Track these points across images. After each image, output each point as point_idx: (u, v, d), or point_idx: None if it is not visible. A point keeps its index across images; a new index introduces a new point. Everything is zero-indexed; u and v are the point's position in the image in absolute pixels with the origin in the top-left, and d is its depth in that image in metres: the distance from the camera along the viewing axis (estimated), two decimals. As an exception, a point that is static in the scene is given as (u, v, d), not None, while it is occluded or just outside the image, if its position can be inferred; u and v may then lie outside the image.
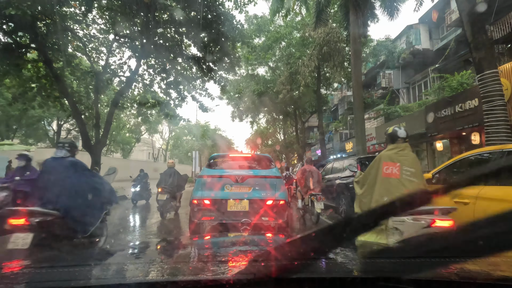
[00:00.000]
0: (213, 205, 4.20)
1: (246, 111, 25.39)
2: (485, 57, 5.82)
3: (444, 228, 2.20)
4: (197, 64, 11.07)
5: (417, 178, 2.58)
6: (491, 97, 5.74)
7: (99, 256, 1.37)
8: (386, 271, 0.88)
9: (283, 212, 4.29)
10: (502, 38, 10.40)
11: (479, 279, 0.77)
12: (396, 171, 2.59)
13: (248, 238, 1.80)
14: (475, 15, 5.96)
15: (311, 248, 0.75)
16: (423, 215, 2.28)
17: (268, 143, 36.00)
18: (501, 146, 2.99)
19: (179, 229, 6.25)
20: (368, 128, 14.85)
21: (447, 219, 2.25)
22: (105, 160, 16.35)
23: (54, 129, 28.85)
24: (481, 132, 8.38)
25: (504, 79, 7.63)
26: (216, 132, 41.91)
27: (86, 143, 10.83)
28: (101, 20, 10.53)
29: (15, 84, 10.78)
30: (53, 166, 3.15)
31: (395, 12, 11.40)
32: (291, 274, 0.73)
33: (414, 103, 14.72)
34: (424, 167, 12.53)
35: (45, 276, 0.89)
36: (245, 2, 9.98)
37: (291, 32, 18.76)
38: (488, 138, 5.81)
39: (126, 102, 13.47)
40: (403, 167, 2.59)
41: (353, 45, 10.55)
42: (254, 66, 22.15)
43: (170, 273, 0.91)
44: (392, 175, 2.59)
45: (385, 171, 2.61)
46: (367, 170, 2.91)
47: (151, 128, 38.18)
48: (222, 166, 4.81)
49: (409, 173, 2.58)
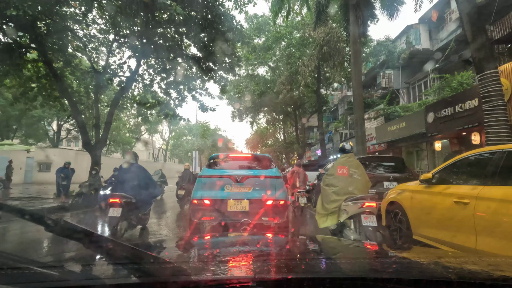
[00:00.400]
0: (213, 205, 4.20)
1: (246, 111, 25.39)
2: (485, 57, 5.82)
3: (370, 208, 3.51)
4: (197, 64, 11.06)
5: (359, 176, 3.87)
6: (491, 97, 5.73)
7: (99, 256, 1.37)
8: (386, 271, 0.88)
9: (283, 212, 4.29)
10: (502, 38, 10.39)
11: (479, 279, 0.77)
12: (345, 172, 3.89)
13: (248, 238, 1.80)
14: (475, 15, 5.96)
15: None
16: (359, 200, 3.57)
17: (268, 143, 35.99)
18: (501, 146, 2.99)
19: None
20: (368, 128, 14.85)
21: (371, 202, 3.53)
22: (105, 160, 16.35)
23: (54, 129, 28.85)
24: (481, 132, 8.37)
25: (504, 79, 7.62)
26: (216, 132, 41.91)
27: (86, 143, 10.82)
28: (101, 20, 10.53)
29: (15, 84, 10.78)
30: (126, 170, 4.92)
31: (395, 12, 11.39)
32: (291, 274, 0.73)
33: (414, 103, 14.71)
34: (424, 167, 12.53)
35: (45, 276, 0.89)
36: (245, 2, 9.98)
37: (291, 32, 18.75)
38: (488, 138, 5.81)
39: (126, 102, 13.46)
40: (350, 169, 3.88)
41: (353, 45, 10.55)
42: (254, 66, 22.15)
43: (170, 273, 0.91)
44: (343, 174, 3.88)
45: (338, 172, 3.90)
46: (328, 172, 4.10)
47: (151, 128, 38.20)
48: (222, 166, 4.81)
49: (353, 173, 3.87)
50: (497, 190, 2.63)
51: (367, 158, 7.63)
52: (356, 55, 10.56)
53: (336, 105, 26.89)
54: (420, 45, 16.23)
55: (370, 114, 16.80)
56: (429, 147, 12.61)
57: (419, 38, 16.44)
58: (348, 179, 3.82)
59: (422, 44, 16.27)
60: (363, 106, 11.72)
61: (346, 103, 23.41)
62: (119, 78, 12.11)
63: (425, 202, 3.61)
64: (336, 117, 26.87)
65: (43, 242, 5.13)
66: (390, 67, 17.70)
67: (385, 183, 6.55)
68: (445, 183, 3.42)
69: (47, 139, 27.90)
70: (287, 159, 30.35)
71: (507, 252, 2.41)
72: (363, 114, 11.19)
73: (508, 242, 2.43)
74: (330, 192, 3.84)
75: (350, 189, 3.75)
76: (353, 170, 3.88)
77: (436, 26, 16.53)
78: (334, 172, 3.94)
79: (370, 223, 3.49)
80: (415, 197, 3.83)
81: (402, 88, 17.42)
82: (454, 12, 12.76)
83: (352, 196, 3.65)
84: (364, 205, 3.51)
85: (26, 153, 18.23)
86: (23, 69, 10.06)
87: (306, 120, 25.87)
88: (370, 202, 3.51)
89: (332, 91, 24.74)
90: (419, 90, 16.12)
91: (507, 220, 2.46)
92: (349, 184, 3.78)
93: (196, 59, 10.95)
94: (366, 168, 6.80)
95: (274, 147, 32.47)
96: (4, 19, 8.05)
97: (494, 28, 10.45)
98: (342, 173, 3.89)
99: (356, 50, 10.54)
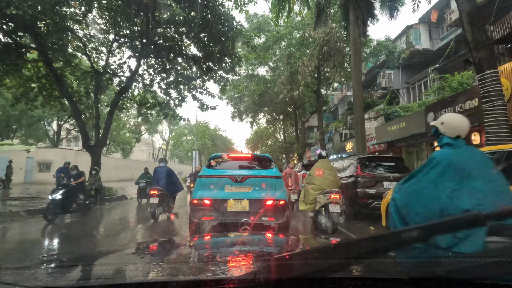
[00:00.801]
0: (213, 205, 4.20)
1: (246, 111, 25.38)
2: (485, 57, 5.82)
3: (335, 199, 4.71)
4: (197, 64, 11.06)
5: (331, 176, 5.18)
6: (491, 97, 5.73)
7: (99, 256, 1.37)
8: (386, 271, 0.88)
9: (283, 212, 4.28)
10: (502, 38, 10.39)
11: (479, 278, 0.77)
12: (321, 173, 5.19)
13: (248, 238, 1.80)
14: (475, 15, 5.96)
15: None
16: (328, 193, 4.83)
17: (268, 143, 35.97)
18: (501, 146, 2.99)
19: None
20: (368, 128, 14.83)
21: (336, 195, 4.76)
22: (105, 160, 16.35)
23: (54, 129, 28.85)
24: (481, 132, 8.37)
25: (504, 79, 7.62)
26: (216, 132, 41.88)
27: (86, 143, 10.82)
28: (101, 20, 10.53)
29: (15, 84, 10.77)
30: (160, 170, 7.00)
31: (395, 12, 11.40)
32: (291, 274, 0.73)
33: (414, 103, 14.69)
34: (424, 167, 12.50)
35: (45, 276, 0.89)
36: (245, 1, 9.98)
37: (291, 32, 18.74)
38: (488, 138, 5.81)
39: (126, 102, 13.47)
40: (324, 171, 5.19)
41: (353, 45, 10.55)
42: (254, 66, 22.14)
43: (170, 273, 0.91)
44: (319, 175, 5.18)
45: (316, 173, 5.23)
46: (309, 173, 5.41)
47: (151, 128, 38.20)
48: (222, 166, 4.81)
49: (327, 173, 5.17)
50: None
51: (367, 158, 7.62)
52: (356, 55, 10.55)
53: (336, 105, 26.89)
54: (420, 45, 16.22)
55: (370, 114, 16.79)
56: (429, 147, 12.61)
57: (419, 38, 16.43)
58: (322, 179, 5.12)
59: (422, 44, 16.27)
60: (363, 106, 11.72)
61: (346, 103, 23.41)
62: (119, 78, 12.12)
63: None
64: (336, 117, 26.87)
65: (43, 242, 5.13)
66: (390, 67, 17.69)
67: (385, 183, 6.55)
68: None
69: (47, 139, 27.90)
70: (287, 159, 30.34)
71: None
72: (363, 114, 11.19)
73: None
74: (309, 188, 5.19)
75: (323, 186, 5.02)
76: (327, 172, 5.19)
77: (436, 26, 16.53)
78: (312, 173, 5.28)
79: (335, 210, 4.67)
80: (415, 197, 3.82)
81: (402, 88, 17.41)
82: (454, 12, 12.75)
83: (324, 191, 4.92)
84: (331, 197, 4.78)
85: (26, 153, 18.23)
86: (23, 69, 10.05)
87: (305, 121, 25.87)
88: (335, 194, 4.79)
89: (332, 91, 24.73)
90: (419, 90, 16.11)
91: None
92: (323, 183, 5.08)
93: (196, 59, 10.95)
94: (366, 168, 6.87)
95: (274, 147, 32.46)
96: (4, 19, 8.05)
97: (494, 28, 10.45)
98: (318, 174, 5.19)
99: (356, 50, 10.53)
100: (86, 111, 12.94)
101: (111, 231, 5.83)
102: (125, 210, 9.54)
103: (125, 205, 10.63)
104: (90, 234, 5.67)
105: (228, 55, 10.55)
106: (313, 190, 5.05)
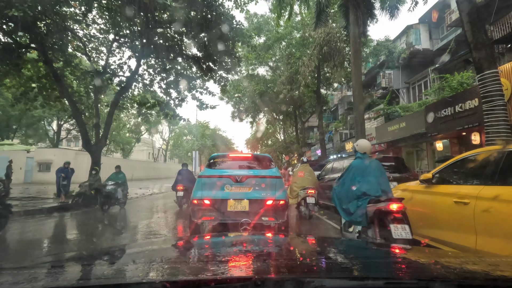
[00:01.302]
0: (213, 205, 4.19)
1: (246, 111, 25.37)
2: (485, 57, 5.81)
3: (311, 193, 6.59)
4: (197, 64, 11.06)
5: (310, 177, 7.16)
6: (491, 97, 5.73)
7: (99, 256, 1.37)
8: (386, 271, 0.88)
9: (283, 212, 4.28)
10: (502, 38, 10.39)
11: (479, 279, 0.77)
12: (302, 174, 7.15)
13: (248, 238, 1.80)
14: (475, 15, 5.95)
15: None
16: (306, 189, 6.70)
17: (268, 143, 35.97)
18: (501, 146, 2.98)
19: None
20: (368, 128, 14.84)
21: (312, 190, 6.64)
22: (105, 160, 16.33)
23: (54, 129, 28.86)
24: (481, 132, 8.37)
25: (504, 79, 7.62)
26: (216, 132, 41.88)
27: (86, 143, 10.82)
28: (101, 20, 10.53)
29: (15, 84, 10.77)
30: (183, 172, 9.18)
31: (395, 12, 11.39)
32: (291, 274, 0.73)
33: (414, 103, 14.69)
34: (424, 167, 12.54)
35: (45, 276, 0.89)
36: (245, 1, 9.98)
37: (291, 32, 18.74)
38: (488, 138, 5.80)
39: (126, 102, 13.47)
40: (305, 173, 7.14)
41: (353, 45, 10.54)
42: (254, 66, 22.15)
43: (170, 273, 0.91)
44: (301, 176, 7.13)
45: (299, 174, 7.19)
46: (293, 174, 7.42)
47: (151, 128, 38.19)
48: (222, 166, 4.81)
49: (307, 175, 7.13)
50: (497, 190, 2.63)
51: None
52: (356, 55, 10.54)
53: (336, 105, 26.89)
54: (420, 45, 16.23)
55: (370, 114, 16.79)
56: (429, 147, 12.62)
57: (419, 38, 16.44)
58: (303, 179, 7.07)
59: (422, 44, 16.28)
60: (363, 106, 11.71)
61: (346, 103, 23.40)
62: (119, 78, 12.11)
63: (425, 202, 3.61)
64: (336, 117, 26.87)
65: (43, 242, 5.13)
66: (390, 67, 17.69)
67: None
68: (445, 183, 3.42)
69: (47, 139, 27.90)
70: (288, 160, 30.34)
71: (507, 252, 2.41)
72: (363, 114, 11.18)
73: (508, 242, 2.43)
74: (294, 185, 7.15)
75: (304, 184, 6.92)
76: (307, 173, 7.20)
77: (436, 26, 16.53)
78: (296, 174, 7.32)
79: (311, 201, 6.52)
80: (415, 197, 3.83)
81: (402, 88, 17.41)
82: (454, 12, 12.75)
83: (304, 187, 6.78)
84: (308, 192, 6.63)
85: (26, 153, 18.22)
86: (23, 69, 10.05)
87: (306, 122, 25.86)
88: (311, 189, 6.66)
89: (332, 91, 24.73)
90: (419, 90, 16.11)
91: (507, 220, 2.46)
92: (303, 181, 7.01)
93: (196, 59, 10.95)
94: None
95: (274, 147, 32.45)
96: (4, 19, 8.05)
97: (494, 28, 10.45)
98: (300, 175, 7.16)
99: (356, 50, 10.52)
100: (86, 111, 12.94)
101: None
102: (128, 213, 9.51)
103: (126, 205, 10.58)
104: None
105: (228, 55, 10.55)
106: (296, 187, 7.00)
